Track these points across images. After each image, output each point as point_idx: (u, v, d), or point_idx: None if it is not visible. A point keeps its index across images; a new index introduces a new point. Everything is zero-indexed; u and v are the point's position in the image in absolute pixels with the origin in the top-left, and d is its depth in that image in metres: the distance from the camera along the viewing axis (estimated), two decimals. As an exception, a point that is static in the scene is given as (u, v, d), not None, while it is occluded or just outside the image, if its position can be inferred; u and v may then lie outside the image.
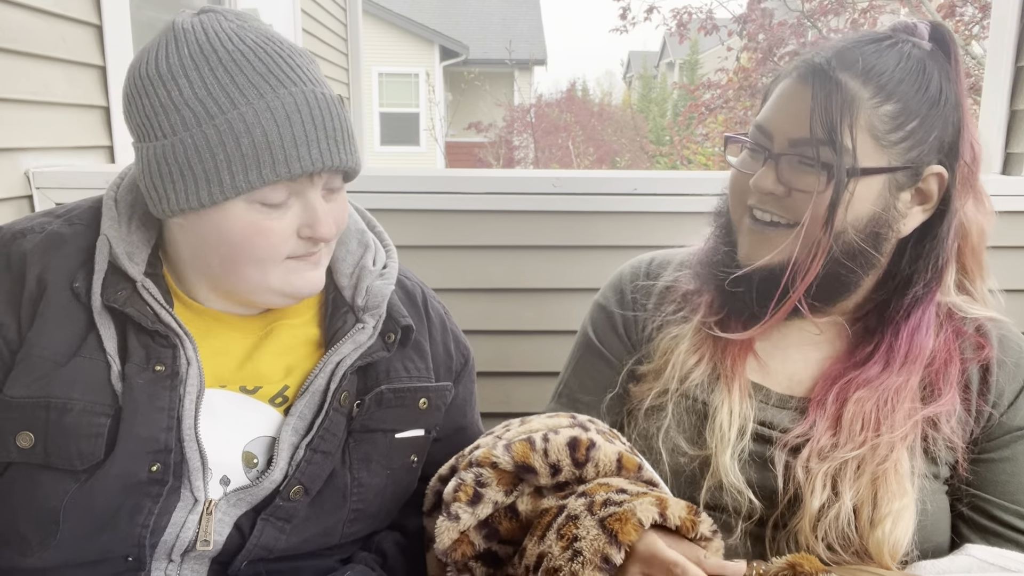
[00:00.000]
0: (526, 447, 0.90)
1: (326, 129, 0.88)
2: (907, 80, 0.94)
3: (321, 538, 0.97)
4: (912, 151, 0.94)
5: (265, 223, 0.89)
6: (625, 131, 15.36)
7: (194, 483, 0.90)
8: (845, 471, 0.93)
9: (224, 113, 0.84)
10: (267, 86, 0.85)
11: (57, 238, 0.94)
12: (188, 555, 0.91)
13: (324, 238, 0.92)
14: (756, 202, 0.99)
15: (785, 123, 0.96)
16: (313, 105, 0.87)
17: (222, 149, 0.84)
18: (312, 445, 0.94)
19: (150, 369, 0.89)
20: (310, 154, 0.86)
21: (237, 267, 0.91)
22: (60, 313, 0.90)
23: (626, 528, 0.80)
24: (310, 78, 0.89)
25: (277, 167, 0.85)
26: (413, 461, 1.04)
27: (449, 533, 0.88)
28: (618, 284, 1.18)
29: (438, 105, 15.60)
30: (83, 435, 0.86)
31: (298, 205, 0.90)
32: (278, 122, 0.85)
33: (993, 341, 1.00)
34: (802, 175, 0.94)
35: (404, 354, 1.04)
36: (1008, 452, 0.97)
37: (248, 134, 0.84)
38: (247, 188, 0.85)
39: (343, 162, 0.89)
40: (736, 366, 1.02)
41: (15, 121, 1.74)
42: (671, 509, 0.82)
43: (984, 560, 0.88)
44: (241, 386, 0.96)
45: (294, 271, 0.93)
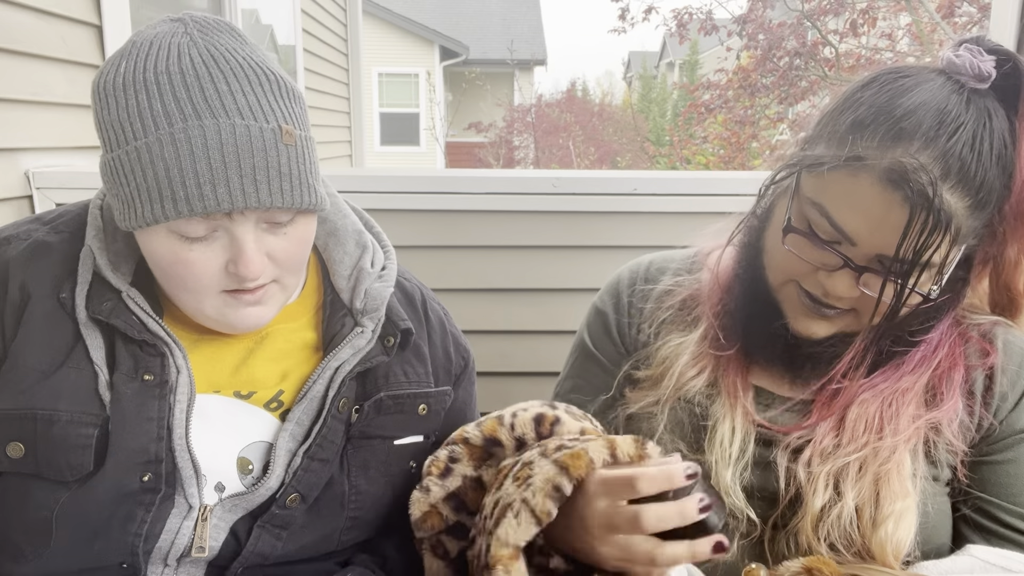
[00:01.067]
0: (495, 423, 0.94)
1: (241, 166, 0.80)
2: (993, 168, 0.85)
3: (318, 545, 0.97)
4: (983, 218, 0.89)
5: (186, 255, 0.84)
6: (625, 131, 15.37)
7: (188, 490, 0.89)
8: (848, 471, 0.93)
9: (136, 140, 0.80)
10: (179, 115, 0.79)
11: (42, 247, 0.92)
12: (184, 560, 0.90)
13: (246, 277, 0.85)
14: (822, 296, 0.92)
15: (874, 238, 0.85)
16: (227, 140, 0.79)
17: (133, 177, 0.81)
18: (310, 453, 0.92)
19: (138, 379, 0.88)
20: (216, 193, 0.79)
21: (174, 291, 0.89)
22: (45, 323, 0.88)
23: (577, 463, 0.80)
24: (239, 108, 0.81)
25: (179, 204, 0.79)
26: (412, 467, 1.03)
27: (420, 505, 0.94)
28: (615, 288, 1.17)
29: (438, 105, 15.60)
30: (71, 447, 0.85)
31: (225, 238, 0.85)
32: (180, 156, 0.79)
33: (998, 346, 0.99)
34: (877, 281, 0.88)
35: (403, 358, 1.02)
36: (1011, 454, 0.97)
37: (152, 166, 0.79)
38: (154, 221, 0.81)
39: (264, 202, 0.81)
40: (738, 382, 1.01)
41: (15, 121, 1.74)
42: (620, 447, 0.82)
43: (986, 560, 0.88)
44: (235, 391, 0.94)
45: (230, 306, 0.88)
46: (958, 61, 0.86)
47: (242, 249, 0.84)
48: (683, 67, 19.02)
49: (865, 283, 0.89)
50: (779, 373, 1.02)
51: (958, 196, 0.84)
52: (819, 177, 0.88)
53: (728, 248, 1.06)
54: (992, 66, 0.86)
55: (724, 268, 1.06)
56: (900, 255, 0.83)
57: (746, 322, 1.01)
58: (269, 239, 0.86)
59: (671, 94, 18.57)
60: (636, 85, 21.89)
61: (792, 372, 1.00)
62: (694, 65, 18.04)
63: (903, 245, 0.82)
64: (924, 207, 0.81)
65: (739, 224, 1.04)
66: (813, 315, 0.94)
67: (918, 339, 0.96)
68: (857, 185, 0.85)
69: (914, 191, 0.81)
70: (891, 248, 0.84)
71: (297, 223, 0.88)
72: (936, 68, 0.89)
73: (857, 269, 0.88)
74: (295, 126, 0.85)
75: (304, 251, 0.92)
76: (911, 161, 0.82)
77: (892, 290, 0.87)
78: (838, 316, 0.94)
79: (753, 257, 1.00)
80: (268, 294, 0.90)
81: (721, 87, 9.46)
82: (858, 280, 0.88)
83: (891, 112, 0.85)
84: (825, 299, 0.92)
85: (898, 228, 0.83)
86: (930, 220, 0.81)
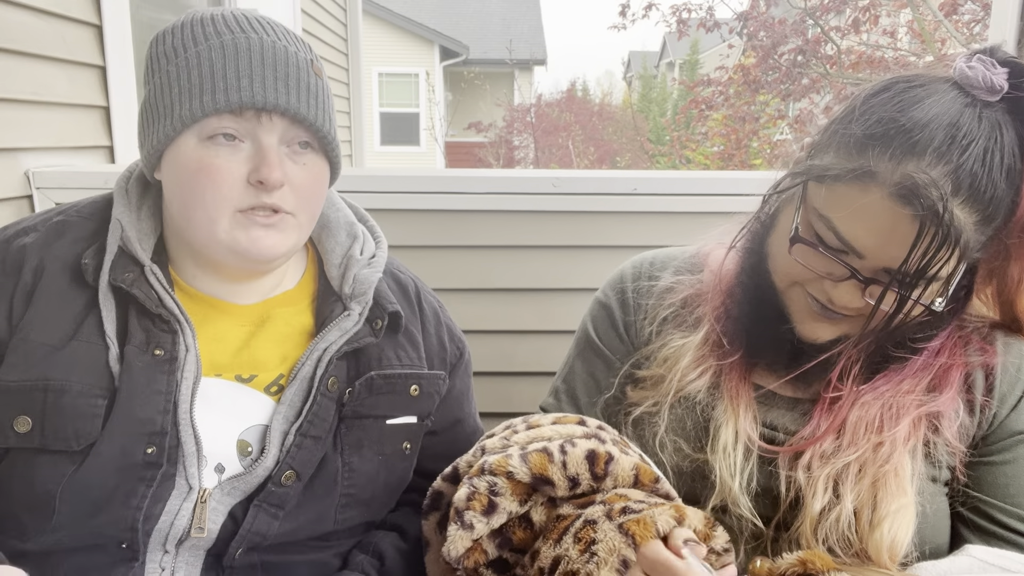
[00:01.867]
0: (544, 459, 0.88)
1: (276, 70, 0.90)
2: (1003, 183, 0.85)
3: (314, 524, 0.98)
4: (989, 233, 0.89)
5: (213, 161, 0.90)
6: (625, 131, 15.36)
7: (188, 470, 0.91)
8: (847, 474, 0.93)
9: (186, 52, 0.90)
10: (227, 31, 0.91)
11: (59, 227, 0.97)
12: (183, 545, 0.91)
13: (269, 181, 0.90)
14: (829, 305, 0.92)
15: (882, 251, 0.86)
16: (268, 49, 0.90)
17: (177, 83, 0.89)
18: (301, 430, 0.95)
19: (149, 353, 0.91)
20: (252, 87, 0.88)
21: (190, 212, 0.93)
22: (56, 298, 0.92)
23: (643, 532, 0.80)
24: (279, 36, 0.93)
25: (217, 95, 0.88)
26: (406, 448, 1.05)
27: (463, 541, 0.87)
28: (619, 283, 1.17)
29: (438, 105, 15.59)
30: (80, 415, 0.87)
31: (251, 149, 0.91)
32: (226, 56, 0.89)
33: (998, 347, 0.99)
34: (889, 296, 0.88)
35: (396, 342, 1.05)
36: (1009, 455, 0.97)
37: (198, 67, 0.89)
38: (191, 119, 0.88)
39: (292, 106, 0.90)
40: (740, 387, 1.01)
41: (15, 121, 1.74)
42: (688, 519, 0.82)
43: (984, 560, 0.88)
44: (237, 375, 0.97)
45: (243, 227, 0.92)
46: (971, 73, 0.86)
47: (266, 155, 0.90)
48: (683, 67, 19.02)
49: (871, 294, 0.89)
50: (782, 375, 1.01)
51: (967, 211, 0.84)
52: (827, 188, 0.88)
53: (731, 252, 1.05)
54: (1004, 79, 0.85)
55: (726, 271, 1.06)
56: (907, 268, 0.83)
57: (750, 326, 1.01)
58: (289, 164, 0.93)
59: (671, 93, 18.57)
60: (636, 85, 21.88)
61: (796, 375, 0.99)
62: (694, 64, 18.03)
63: (910, 258, 0.82)
64: (934, 223, 0.81)
65: (742, 229, 1.04)
66: (819, 318, 0.94)
67: (920, 347, 0.96)
68: (866, 199, 0.84)
69: (924, 207, 0.81)
70: (898, 262, 0.84)
71: (314, 159, 0.96)
72: (948, 78, 0.89)
73: (863, 281, 0.88)
74: (322, 71, 0.95)
75: (319, 193, 0.98)
76: (922, 176, 0.81)
77: (892, 300, 0.87)
78: (844, 320, 0.94)
79: (757, 262, 1.00)
80: (283, 222, 0.94)
81: (722, 84, 9.45)
82: (864, 291, 0.88)
83: (903, 124, 0.84)
84: (830, 306, 0.92)
85: (906, 242, 0.82)
86: (939, 235, 0.81)
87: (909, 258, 0.82)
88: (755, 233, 1.02)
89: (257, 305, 1.02)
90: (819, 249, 0.89)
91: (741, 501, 0.96)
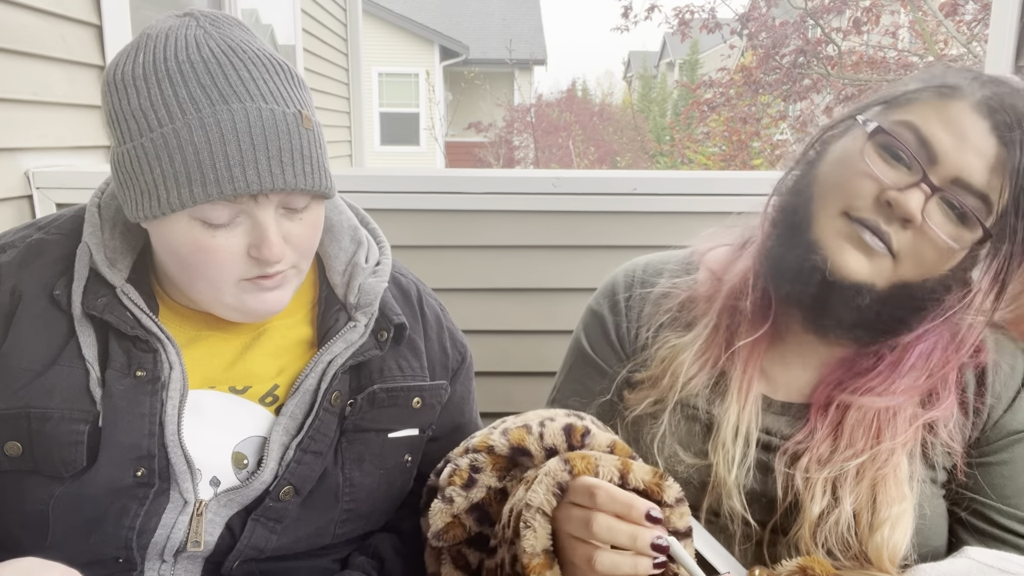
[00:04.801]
0: (522, 432, 0.90)
1: (268, 149, 0.82)
2: None
3: (313, 538, 0.97)
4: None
5: (209, 242, 0.85)
6: (625, 131, 15.37)
7: (182, 486, 0.89)
8: (845, 477, 0.93)
9: (161, 127, 0.81)
10: (207, 101, 0.80)
11: (35, 247, 0.93)
12: (180, 555, 0.91)
13: (269, 261, 0.86)
14: (884, 223, 0.89)
15: (959, 157, 0.86)
16: (255, 123, 0.81)
17: (158, 164, 0.81)
18: (302, 445, 0.93)
19: (131, 375, 0.89)
20: (245, 175, 0.81)
21: (191, 281, 0.89)
22: (37, 322, 0.89)
23: (583, 467, 0.81)
24: (263, 94, 0.83)
25: (208, 187, 0.81)
26: (407, 461, 1.04)
27: (442, 516, 0.89)
28: (611, 290, 1.16)
29: (438, 105, 15.60)
30: (64, 443, 0.86)
31: (247, 224, 0.86)
32: (211, 140, 0.80)
33: (989, 344, 0.99)
34: (945, 218, 0.88)
35: (398, 352, 1.03)
36: (1006, 455, 0.97)
37: (180, 151, 0.80)
38: (180, 207, 0.82)
39: (289, 184, 0.83)
40: (752, 379, 1.00)
41: (15, 121, 1.74)
42: (634, 472, 0.81)
43: (983, 562, 0.88)
44: (231, 386, 0.95)
45: (249, 292, 0.89)
46: None
47: (265, 233, 0.85)
48: (683, 67, 19.03)
49: (929, 214, 0.87)
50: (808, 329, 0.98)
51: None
52: (904, 106, 0.91)
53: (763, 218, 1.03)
54: None
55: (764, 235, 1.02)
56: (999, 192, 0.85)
57: (781, 264, 0.96)
58: (286, 224, 0.88)
59: (671, 93, 18.56)
60: (636, 85, 21.89)
61: (815, 325, 0.96)
62: (694, 65, 18.04)
63: (1007, 184, 0.85)
64: (1014, 141, 0.84)
65: (786, 172, 1.02)
66: (857, 247, 0.90)
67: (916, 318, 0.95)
68: (949, 108, 0.87)
69: (1007, 125, 0.84)
70: (971, 172, 0.85)
71: (312, 208, 0.91)
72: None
73: (932, 188, 0.87)
74: (311, 113, 0.88)
75: (317, 236, 0.94)
76: (1008, 97, 0.86)
77: (956, 234, 0.88)
78: (878, 258, 0.90)
79: (797, 204, 0.97)
80: (286, 279, 0.92)
81: (723, 85, 9.45)
82: (925, 203, 0.87)
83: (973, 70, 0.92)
84: (884, 227, 0.88)
85: (982, 154, 0.85)
86: (1016, 155, 0.84)
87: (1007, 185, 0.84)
88: (797, 177, 1.00)
89: None
90: (897, 147, 0.89)
91: (735, 495, 0.95)
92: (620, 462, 0.82)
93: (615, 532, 0.75)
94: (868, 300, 0.91)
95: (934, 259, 0.89)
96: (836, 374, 0.99)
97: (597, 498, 0.77)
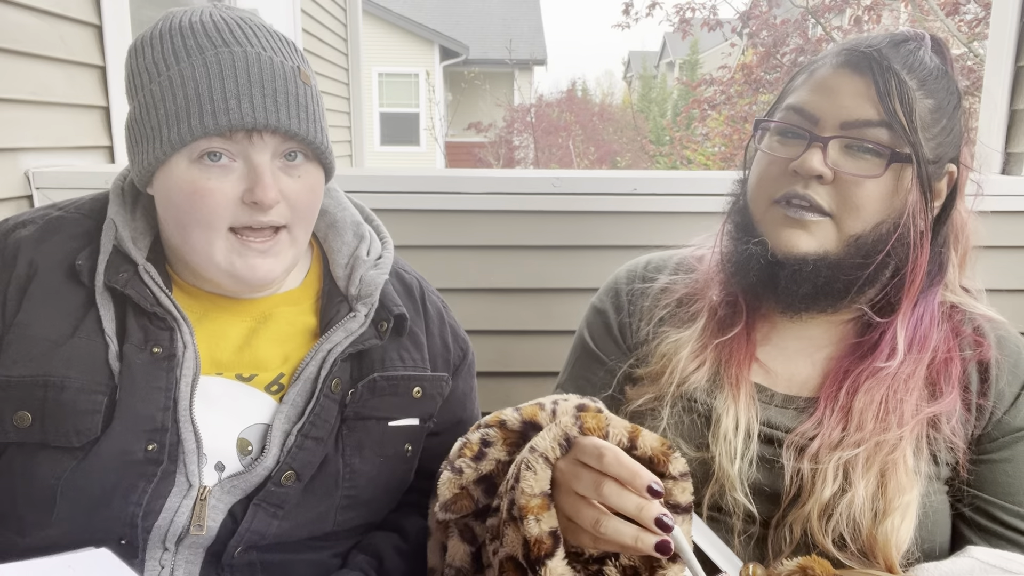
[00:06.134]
0: (535, 408, 0.91)
1: (264, 87, 0.87)
2: (939, 80, 0.96)
3: (314, 524, 0.98)
4: (941, 148, 0.96)
5: (205, 183, 0.88)
6: (625, 131, 15.37)
7: (189, 467, 0.91)
8: (856, 461, 0.93)
9: (168, 70, 0.87)
10: (210, 44, 0.88)
11: (54, 223, 0.97)
12: (182, 543, 0.92)
13: (263, 202, 0.89)
14: (800, 188, 0.95)
15: (834, 107, 0.94)
16: (253, 64, 0.88)
17: (163, 104, 0.87)
18: (303, 431, 0.95)
19: (148, 350, 0.91)
20: (240, 107, 0.86)
21: (186, 233, 0.92)
22: (52, 295, 0.92)
23: (593, 425, 0.81)
24: (263, 45, 0.90)
25: (204, 119, 0.86)
26: (407, 450, 1.05)
27: (450, 486, 0.90)
28: (614, 287, 1.18)
29: (438, 105, 15.60)
30: (81, 412, 0.87)
31: (243, 169, 0.90)
32: (211, 76, 0.86)
33: (991, 341, 1.00)
34: (854, 160, 0.94)
35: (399, 344, 1.05)
36: (1008, 453, 0.97)
37: (183, 87, 0.86)
38: (180, 143, 0.86)
39: (283, 124, 0.88)
40: (741, 373, 1.01)
41: (15, 121, 1.74)
42: (643, 438, 0.81)
43: (986, 562, 0.88)
44: (237, 374, 0.97)
45: (238, 253, 0.92)
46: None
47: (260, 175, 0.89)
48: (683, 67, 19.03)
49: (837, 162, 0.94)
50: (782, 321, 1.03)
51: (907, 75, 0.93)
52: (788, 96, 1.02)
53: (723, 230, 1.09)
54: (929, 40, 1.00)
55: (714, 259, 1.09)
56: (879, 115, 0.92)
57: (733, 259, 1.03)
58: (283, 178, 0.92)
59: (671, 93, 18.56)
60: (636, 85, 21.89)
61: (783, 306, 1.00)
62: (694, 64, 18.04)
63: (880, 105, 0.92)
64: (881, 69, 0.92)
65: (730, 199, 1.09)
66: (792, 225, 0.96)
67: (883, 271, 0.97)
68: (815, 76, 0.98)
69: (868, 60, 0.93)
70: (851, 112, 0.93)
71: (308, 169, 0.94)
72: None
73: (821, 140, 0.94)
74: (311, 77, 0.93)
75: (314, 202, 0.97)
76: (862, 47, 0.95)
77: (869, 166, 0.93)
78: (815, 224, 0.95)
79: (742, 208, 1.05)
80: (278, 245, 0.94)
81: (724, 83, 9.45)
82: (825, 155, 0.94)
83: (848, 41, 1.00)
84: (802, 192, 0.95)
85: (856, 92, 0.93)
86: (891, 81, 0.92)
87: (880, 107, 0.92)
88: (739, 194, 1.08)
89: (258, 301, 1.02)
90: (785, 129, 0.98)
91: (738, 486, 0.96)
92: (631, 427, 0.83)
93: (624, 499, 0.75)
94: (816, 268, 0.95)
95: (867, 200, 0.93)
96: (843, 364, 1.00)
97: (605, 459, 0.77)
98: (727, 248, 1.05)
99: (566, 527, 0.80)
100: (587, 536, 0.78)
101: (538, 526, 0.79)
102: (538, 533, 0.78)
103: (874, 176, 0.93)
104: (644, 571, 0.82)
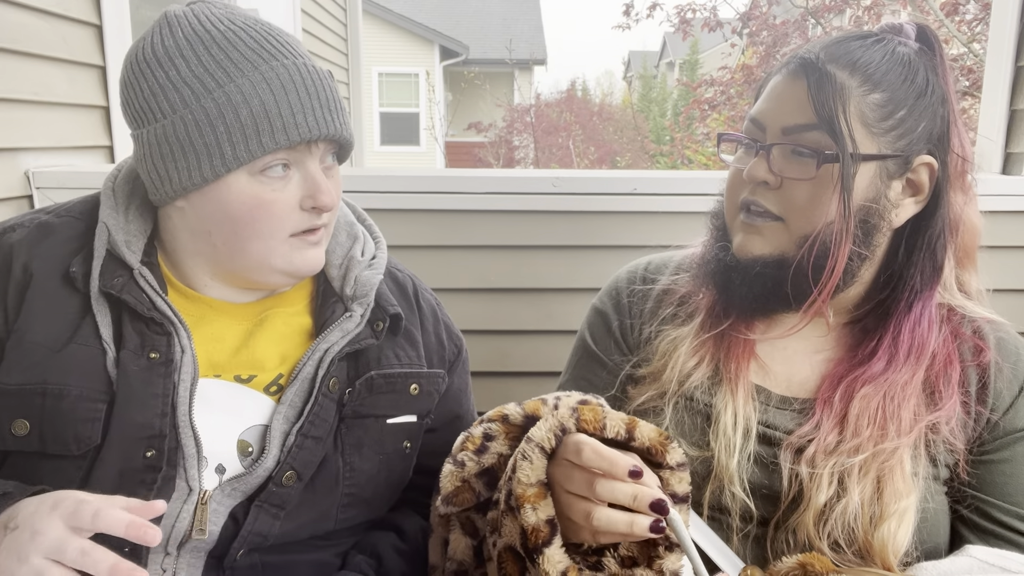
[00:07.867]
0: (538, 403, 0.93)
1: (319, 98, 0.90)
2: (893, 71, 0.96)
3: (316, 523, 0.98)
4: (902, 140, 0.95)
5: (268, 195, 0.91)
6: (625, 131, 15.36)
7: (189, 472, 0.91)
8: (852, 467, 0.93)
9: (221, 87, 0.87)
10: (260, 59, 0.89)
11: (45, 227, 0.96)
12: (184, 547, 0.91)
13: (326, 207, 0.94)
14: (749, 195, 0.99)
15: (776, 114, 0.98)
16: (306, 76, 0.90)
17: (222, 121, 0.87)
18: (302, 431, 0.95)
19: (145, 356, 0.91)
20: (307, 121, 0.89)
21: (243, 243, 0.93)
22: (49, 301, 0.91)
23: (590, 418, 0.82)
24: (298, 52, 0.92)
25: (276, 135, 0.88)
26: (406, 447, 1.05)
27: (452, 479, 0.91)
28: (615, 289, 1.18)
29: (438, 105, 15.59)
30: (80, 420, 0.87)
31: (298, 176, 0.93)
32: (274, 91, 0.88)
33: (991, 343, 1.00)
34: (793, 163, 0.95)
35: (395, 342, 1.05)
36: (1007, 454, 0.97)
37: (246, 104, 0.87)
38: (248, 158, 0.88)
39: (338, 130, 0.92)
40: (740, 368, 1.02)
41: (15, 121, 1.74)
42: (640, 429, 0.82)
43: (985, 561, 0.88)
44: (236, 375, 0.97)
45: (296, 249, 0.95)
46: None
47: (318, 182, 0.93)
48: (683, 67, 19.02)
49: (783, 169, 0.96)
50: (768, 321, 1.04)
51: (847, 74, 0.94)
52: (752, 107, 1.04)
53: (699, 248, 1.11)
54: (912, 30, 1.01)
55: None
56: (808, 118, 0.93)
57: (705, 268, 1.06)
58: (325, 180, 0.95)
59: (671, 93, 18.56)
60: (636, 85, 21.89)
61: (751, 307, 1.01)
62: (694, 65, 18.03)
63: (809, 108, 0.93)
64: (812, 71, 0.94)
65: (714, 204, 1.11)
66: (747, 230, 0.99)
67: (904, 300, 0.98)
68: (767, 84, 1.02)
69: (804, 65, 0.95)
70: (796, 117, 0.95)
71: (336, 169, 0.99)
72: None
73: (766, 148, 0.97)
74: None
75: (340, 196, 1.02)
76: (806, 52, 0.97)
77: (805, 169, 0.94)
78: (767, 228, 0.97)
79: (719, 212, 1.08)
80: (323, 237, 0.99)
81: (724, 84, 9.45)
82: (768, 161, 0.96)
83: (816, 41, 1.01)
84: (752, 197, 0.98)
85: (794, 97, 0.95)
86: (823, 82, 0.93)
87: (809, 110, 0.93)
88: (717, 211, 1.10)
89: (254, 304, 1.02)
90: (736, 140, 1.03)
91: (736, 480, 0.96)
92: (628, 419, 0.83)
93: (617, 491, 0.76)
94: (766, 268, 0.97)
95: (808, 201, 0.95)
96: (840, 368, 1.01)
97: (583, 454, 0.78)
98: (703, 251, 1.08)
99: (567, 526, 0.81)
100: (586, 531, 0.79)
101: (535, 514, 0.79)
102: (535, 521, 0.79)
103: (808, 178, 0.94)
104: (642, 561, 0.83)
